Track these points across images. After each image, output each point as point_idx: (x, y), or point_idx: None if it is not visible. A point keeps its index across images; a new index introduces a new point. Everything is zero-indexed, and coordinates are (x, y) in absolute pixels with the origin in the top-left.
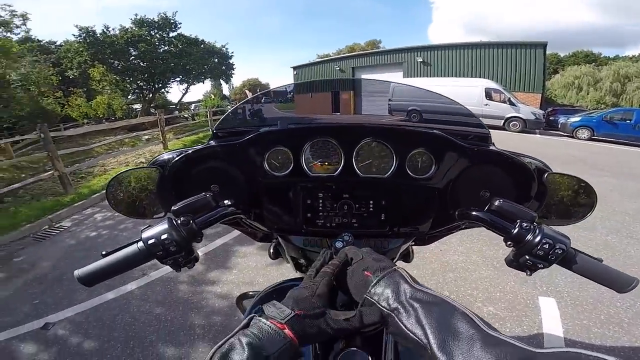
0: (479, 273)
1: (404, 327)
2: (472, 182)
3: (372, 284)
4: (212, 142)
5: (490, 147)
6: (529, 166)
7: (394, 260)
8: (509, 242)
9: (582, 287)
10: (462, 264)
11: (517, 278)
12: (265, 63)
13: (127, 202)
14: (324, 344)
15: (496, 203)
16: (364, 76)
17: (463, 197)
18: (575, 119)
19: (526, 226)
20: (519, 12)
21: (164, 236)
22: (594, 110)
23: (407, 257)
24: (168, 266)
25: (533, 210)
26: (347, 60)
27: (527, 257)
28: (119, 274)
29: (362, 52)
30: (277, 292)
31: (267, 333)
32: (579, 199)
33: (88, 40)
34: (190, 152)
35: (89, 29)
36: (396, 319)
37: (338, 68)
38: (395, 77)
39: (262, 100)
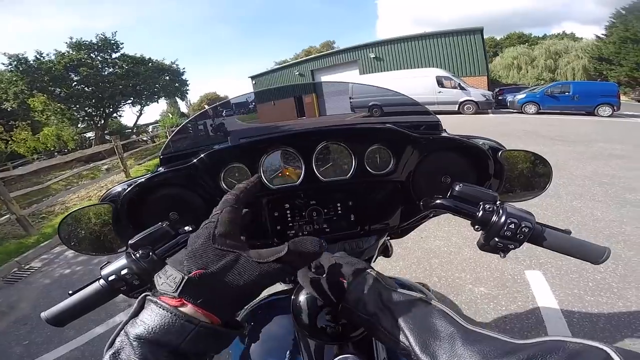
0: (462, 255)
1: (384, 332)
2: (431, 170)
3: (347, 291)
4: (161, 169)
5: (442, 134)
6: (482, 147)
7: (374, 258)
8: (477, 226)
9: (563, 256)
10: (444, 248)
11: (499, 255)
12: (222, 76)
13: (91, 239)
14: (315, 350)
15: (457, 188)
16: (323, 77)
17: (425, 186)
18: (521, 96)
19: (489, 208)
20: (458, 1)
21: (124, 271)
22: (535, 87)
23: (386, 251)
24: None
25: (495, 190)
26: (305, 63)
27: (497, 239)
28: (88, 312)
29: (318, 54)
30: (264, 307)
31: (161, 317)
32: (536, 171)
33: (21, 69)
34: (139, 182)
35: (20, 56)
36: (376, 324)
37: (297, 72)
38: (352, 74)
39: (224, 114)
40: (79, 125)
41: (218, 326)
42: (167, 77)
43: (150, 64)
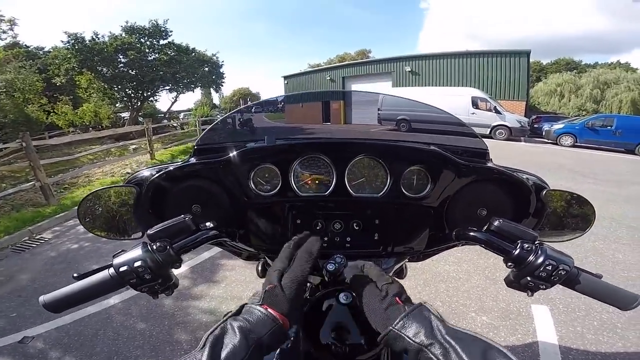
0: (471, 282)
1: None
2: (469, 200)
3: (403, 316)
4: (193, 159)
5: (488, 164)
6: (527, 183)
7: None
8: (510, 263)
9: (575, 294)
10: (454, 273)
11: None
12: (256, 72)
13: (105, 219)
14: None
15: (495, 223)
16: (354, 86)
17: (459, 215)
18: (558, 126)
19: (527, 247)
20: (510, 19)
21: (137, 263)
22: (575, 117)
23: (400, 273)
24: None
25: (532, 228)
26: (338, 69)
27: (529, 278)
28: (89, 301)
29: (352, 61)
30: None
31: (257, 317)
32: (577, 215)
33: (77, 47)
34: (169, 169)
35: (78, 35)
36: (430, 354)
37: (329, 78)
38: (384, 86)
39: (252, 110)
40: (117, 105)
41: (284, 328)
42: (207, 69)
43: (193, 54)
